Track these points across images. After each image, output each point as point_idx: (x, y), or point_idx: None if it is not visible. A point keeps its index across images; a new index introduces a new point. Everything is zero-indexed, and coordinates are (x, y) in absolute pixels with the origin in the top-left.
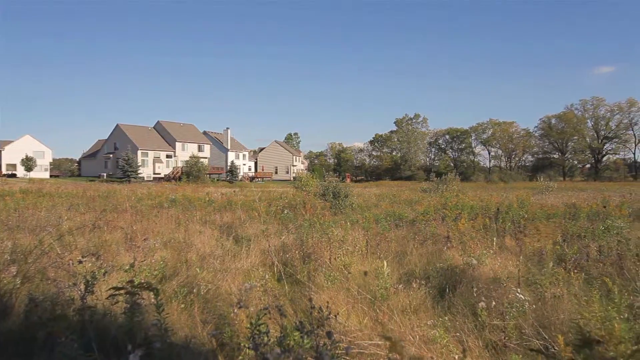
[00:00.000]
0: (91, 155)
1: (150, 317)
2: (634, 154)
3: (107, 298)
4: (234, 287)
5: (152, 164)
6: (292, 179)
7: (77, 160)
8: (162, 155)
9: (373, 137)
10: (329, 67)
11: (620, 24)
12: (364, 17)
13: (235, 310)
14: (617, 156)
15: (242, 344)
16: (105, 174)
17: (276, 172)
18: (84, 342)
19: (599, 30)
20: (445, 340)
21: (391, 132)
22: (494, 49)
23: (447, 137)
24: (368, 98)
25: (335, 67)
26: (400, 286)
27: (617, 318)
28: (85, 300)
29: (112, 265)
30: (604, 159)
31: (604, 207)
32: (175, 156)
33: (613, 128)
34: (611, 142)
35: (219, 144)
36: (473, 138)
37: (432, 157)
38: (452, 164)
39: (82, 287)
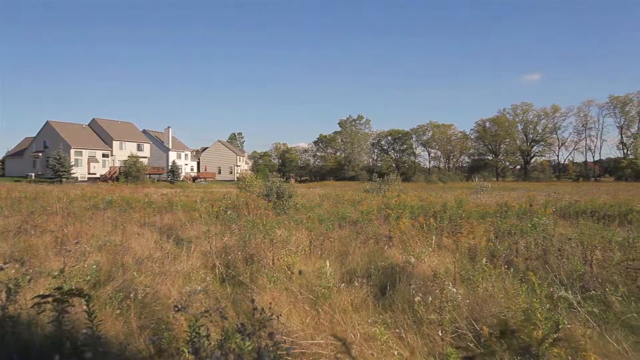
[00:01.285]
0: (17, 154)
1: (82, 325)
2: (558, 156)
3: (32, 307)
4: (174, 290)
5: (87, 164)
6: (235, 179)
7: (1, 159)
8: (98, 154)
9: (317, 138)
10: (274, 68)
11: (547, 36)
12: (306, 17)
13: (174, 314)
14: (544, 158)
15: (181, 349)
16: (33, 174)
17: (219, 173)
18: (4, 355)
19: (528, 40)
20: (385, 337)
21: (335, 133)
22: (433, 54)
23: (390, 138)
24: (312, 99)
25: (279, 67)
26: (342, 285)
27: (539, 308)
28: (6, 310)
29: (40, 272)
30: (532, 160)
31: (531, 205)
32: (112, 155)
33: (540, 132)
34: (538, 144)
35: (159, 143)
36: (414, 139)
37: (375, 157)
38: (394, 165)
39: (3, 295)
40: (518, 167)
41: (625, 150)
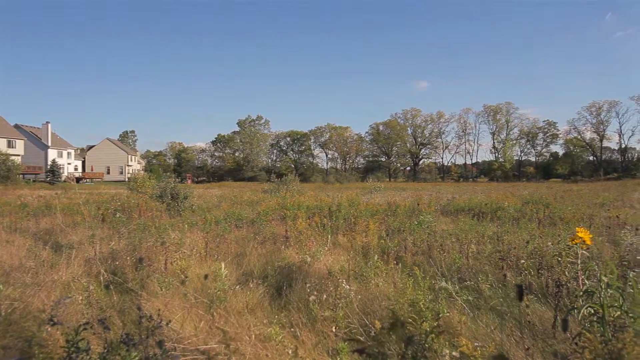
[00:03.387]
0: None
1: None
2: (442, 158)
3: None
4: (49, 302)
5: None
6: (126, 180)
7: None
8: None
9: (216, 138)
10: (171, 64)
11: (437, 45)
12: (205, 17)
13: (49, 329)
14: (430, 160)
15: None
16: None
17: (108, 173)
18: None
19: (419, 49)
20: (280, 337)
21: (234, 133)
22: (330, 57)
23: (289, 139)
24: (211, 98)
25: (177, 65)
26: (238, 287)
27: (423, 300)
28: None
29: None
30: (421, 162)
31: (418, 204)
32: None
33: (427, 136)
34: (426, 147)
35: (36, 140)
36: (312, 141)
37: (274, 158)
38: (292, 166)
39: None
40: (408, 168)
41: (496, 154)
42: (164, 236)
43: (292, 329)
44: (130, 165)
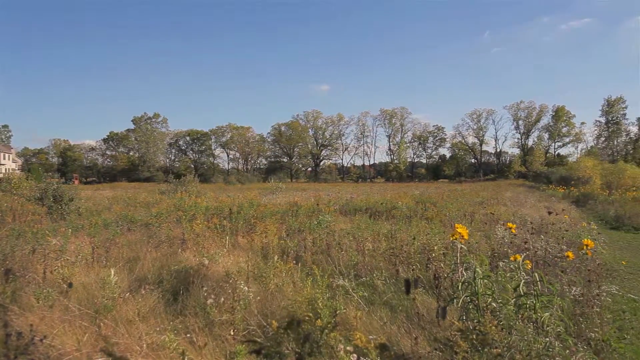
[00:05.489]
0: None
1: None
2: (342, 159)
3: None
4: None
5: None
6: None
7: None
8: None
9: (107, 135)
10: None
11: (336, 52)
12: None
13: None
14: (331, 161)
15: None
16: None
17: None
18: None
19: (322, 54)
20: (175, 344)
21: (128, 130)
22: (231, 57)
23: (188, 138)
24: (102, 93)
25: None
26: (129, 294)
27: (321, 298)
28: None
29: None
30: (322, 163)
31: (317, 204)
32: None
33: (328, 137)
34: (327, 149)
35: None
36: (213, 140)
37: (173, 158)
38: (192, 166)
39: None
40: (309, 169)
41: (392, 156)
42: (43, 243)
43: (188, 335)
44: (3, 164)
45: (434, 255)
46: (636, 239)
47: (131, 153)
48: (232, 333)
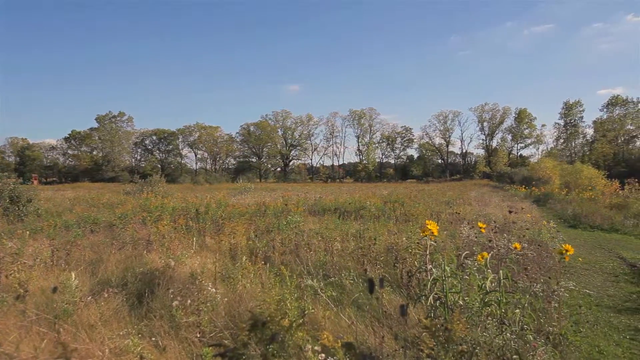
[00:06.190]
0: None
1: None
2: (311, 159)
3: None
4: None
5: None
6: None
7: None
8: None
9: (69, 134)
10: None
11: (307, 53)
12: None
13: None
14: (300, 161)
15: None
16: None
17: None
18: None
19: (292, 55)
20: (139, 348)
21: (91, 129)
22: (198, 54)
23: (155, 138)
24: (63, 90)
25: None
26: (90, 298)
27: (289, 298)
28: None
29: None
30: (291, 163)
31: (286, 205)
32: None
33: (297, 137)
34: (296, 149)
35: None
36: (180, 140)
37: (139, 158)
38: (159, 166)
39: None
40: (279, 169)
41: (361, 157)
42: None
43: (153, 338)
44: None
45: (401, 254)
46: (592, 237)
47: (95, 152)
48: (198, 335)
